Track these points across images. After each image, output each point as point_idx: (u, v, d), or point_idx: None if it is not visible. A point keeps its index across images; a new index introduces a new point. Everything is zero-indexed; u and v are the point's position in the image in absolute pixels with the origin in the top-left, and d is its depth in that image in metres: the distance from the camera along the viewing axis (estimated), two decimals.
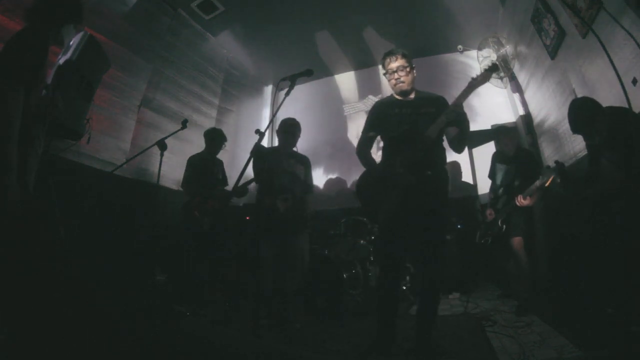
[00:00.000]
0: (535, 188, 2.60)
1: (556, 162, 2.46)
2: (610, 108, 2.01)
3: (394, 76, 1.92)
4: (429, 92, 2.04)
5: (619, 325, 1.81)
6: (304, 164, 2.80)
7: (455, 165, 4.35)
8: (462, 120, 1.82)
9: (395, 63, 1.91)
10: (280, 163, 2.68)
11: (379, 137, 2.10)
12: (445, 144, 1.99)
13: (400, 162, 1.81)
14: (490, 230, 2.98)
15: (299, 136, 2.83)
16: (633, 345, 1.60)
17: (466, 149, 4.42)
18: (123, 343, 1.72)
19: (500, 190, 3.03)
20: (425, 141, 1.77)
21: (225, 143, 3.50)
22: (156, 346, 1.84)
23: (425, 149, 1.78)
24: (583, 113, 2.09)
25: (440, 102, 1.94)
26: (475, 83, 1.80)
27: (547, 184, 2.51)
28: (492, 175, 3.23)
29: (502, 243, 2.88)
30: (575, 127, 2.16)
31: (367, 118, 2.09)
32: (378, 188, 1.87)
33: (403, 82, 1.91)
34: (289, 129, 2.77)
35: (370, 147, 2.07)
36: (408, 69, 1.92)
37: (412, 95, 1.97)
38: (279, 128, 2.82)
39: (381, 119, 2.00)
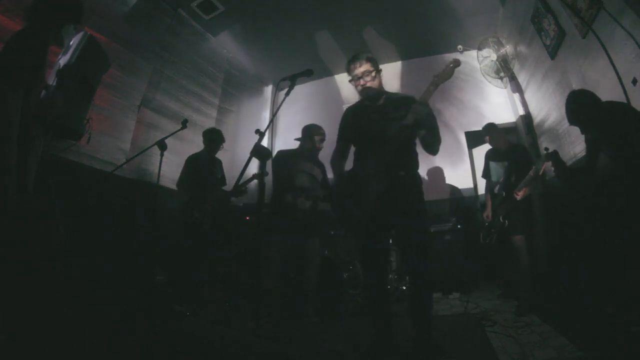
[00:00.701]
0: (530, 178, 2.60)
1: (547, 149, 2.45)
2: (610, 103, 2.01)
3: (359, 82, 1.88)
4: (399, 94, 2.00)
5: (619, 325, 1.81)
6: (321, 167, 2.89)
7: (437, 171, 4.40)
8: (429, 119, 1.76)
9: (361, 69, 1.87)
10: (299, 164, 2.78)
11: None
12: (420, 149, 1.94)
13: (371, 164, 1.79)
14: (493, 228, 2.98)
15: (321, 141, 2.89)
16: (633, 345, 1.60)
17: (466, 149, 4.50)
18: (123, 343, 1.72)
19: (497, 188, 3.03)
20: (395, 140, 1.73)
21: (224, 143, 3.50)
22: (156, 346, 1.84)
23: (395, 150, 1.74)
24: (581, 105, 2.09)
25: (409, 102, 1.82)
26: (438, 80, 1.72)
27: (540, 172, 2.50)
28: (486, 174, 3.23)
29: (505, 241, 2.87)
30: (572, 119, 2.16)
31: (339, 126, 2.07)
32: (351, 194, 1.84)
33: (370, 87, 1.87)
34: (314, 135, 2.86)
35: (345, 156, 2.04)
36: (374, 74, 1.87)
37: (382, 99, 1.93)
38: (303, 132, 2.92)
39: (352, 126, 1.98)
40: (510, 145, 3.09)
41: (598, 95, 2.08)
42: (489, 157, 3.21)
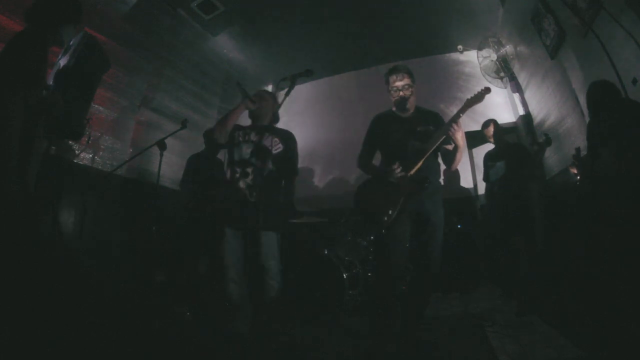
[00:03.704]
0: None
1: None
2: (628, 100, 1.99)
3: (398, 93, 1.98)
4: (427, 109, 2.11)
5: (619, 325, 1.81)
6: (283, 137, 2.16)
7: (443, 172, 4.42)
8: (459, 137, 1.87)
9: (402, 82, 1.98)
10: (246, 135, 2.14)
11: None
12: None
13: (401, 170, 1.85)
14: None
15: (268, 105, 2.23)
16: (633, 345, 1.60)
17: (466, 149, 4.50)
18: (123, 343, 1.72)
19: (497, 187, 3.06)
20: (423, 152, 1.85)
21: None
22: (156, 346, 1.84)
23: (423, 160, 1.85)
24: (606, 95, 2.04)
25: (437, 118, 2.03)
26: (470, 102, 1.89)
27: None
28: (485, 177, 3.27)
29: (503, 242, 2.88)
30: (596, 109, 2.11)
31: (368, 132, 2.14)
32: (381, 194, 1.89)
33: (407, 99, 1.98)
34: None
35: (371, 159, 2.11)
36: (413, 89, 1.99)
37: (412, 111, 2.03)
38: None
39: (382, 133, 2.05)
40: (507, 145, 3.13)
41: None
42: (487, 159, 3.25)
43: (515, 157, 2.97)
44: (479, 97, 1.89)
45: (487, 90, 1.90)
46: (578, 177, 2.31)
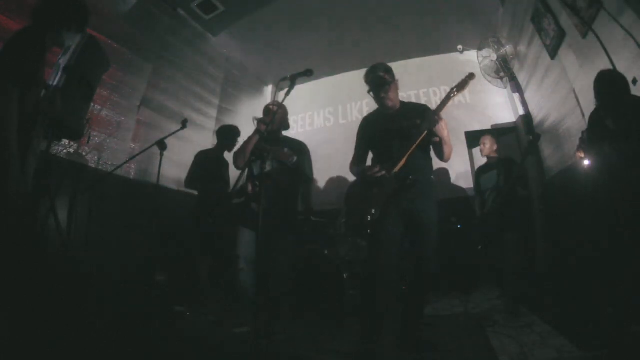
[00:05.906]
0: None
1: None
2: (632, 96, 1.95)
3: (379, 93, 1.92)
4: (414, 103, 2.08)
5: (619, 325, 1.81)
6: (297, 149, 2.40)
7: (438, 171, 4.43)
8: (440, 128, 1.80)
9: (380, 80, 1.91)
10: (262, 148, 2.30)
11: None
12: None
13: (380, 170, 1.82)
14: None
15: (278, 114, 2.36)
16: (633, 345, 1.60)
17: (466, 149, 4.50)
18: (123, 343, 1.72)
19: (487, 194, 3.07)
20: (406, 149, 1.79)
21: (239, 138, 3.40)
22: (156, 346, 1.85)
23: (409, 155, 1.79)
24: (615, 87, 1.97)
25: (423, 110, 1.94)
26: (455, 92, 1.83)
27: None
28: (477, 188, 3.27)
29: (498, 239, 2.89)
30: (602, 100, 2.03)
31: (357, 135, 2.12)
32: (366, 194, 1.87)
33: (389, 98, 1.93)
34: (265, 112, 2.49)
35: (364, 163, 2.08)
36: (392, 84, 1.93)
37: (398, 108, 1.99)
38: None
39: (369, 135, 2.04)
40: (499, 159, 3.15)
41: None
42: (477, 173, 3.27)
43: (505, 167, 2.98)
44: (463, 85, 1.83)
45: (472, 76, 1.84)
46: (585, 162, 2.25)
